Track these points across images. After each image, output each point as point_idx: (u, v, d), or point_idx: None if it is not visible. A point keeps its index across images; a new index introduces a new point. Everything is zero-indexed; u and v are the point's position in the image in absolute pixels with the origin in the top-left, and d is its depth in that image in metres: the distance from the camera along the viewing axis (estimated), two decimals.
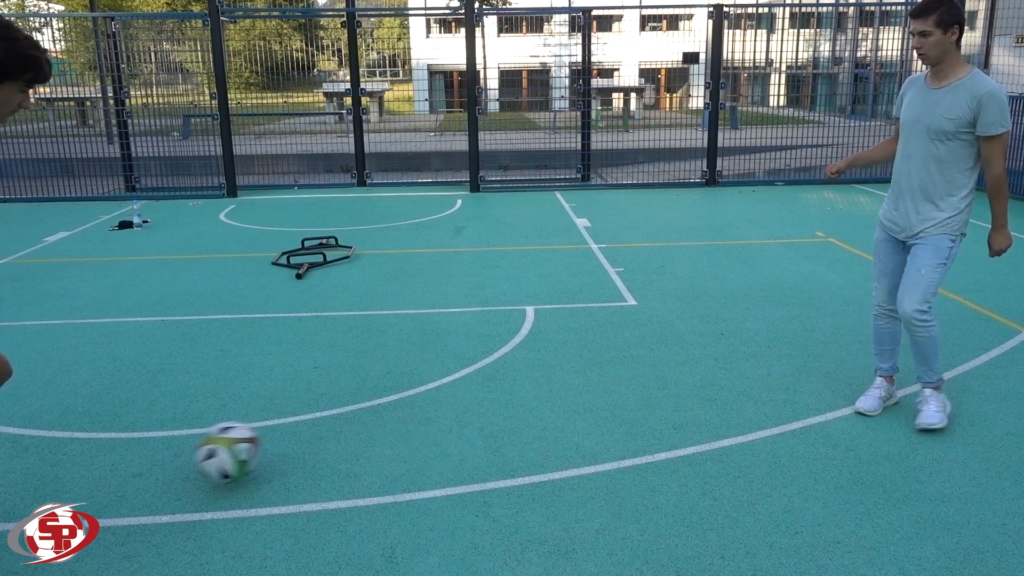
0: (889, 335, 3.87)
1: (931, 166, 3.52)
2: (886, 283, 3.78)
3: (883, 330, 3.88)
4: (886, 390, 3.91)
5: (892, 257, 3.75)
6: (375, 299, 5.99)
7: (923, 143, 3.52)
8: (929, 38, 3.38)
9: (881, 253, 3.81)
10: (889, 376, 3.93)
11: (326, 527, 3.00)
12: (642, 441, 3.64)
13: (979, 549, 2.81)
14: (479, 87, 11.44)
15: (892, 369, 3.92)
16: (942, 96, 3.45)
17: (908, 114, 3.61)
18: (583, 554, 2.81)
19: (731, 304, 5.71)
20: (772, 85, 19.57)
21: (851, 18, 21.60)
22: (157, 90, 14.28)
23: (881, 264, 3.81)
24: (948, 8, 3.34)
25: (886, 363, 3.92)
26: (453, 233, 8.44)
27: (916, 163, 3.56)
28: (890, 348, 3.89)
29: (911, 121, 3.58)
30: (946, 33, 3.36)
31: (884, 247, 3.79)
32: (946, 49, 3.40)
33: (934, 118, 3.46)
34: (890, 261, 3.76)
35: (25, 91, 2.45)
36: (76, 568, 2.75)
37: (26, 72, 2.41)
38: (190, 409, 4.06)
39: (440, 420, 3.89)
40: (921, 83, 3.59)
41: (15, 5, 36.49)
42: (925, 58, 3.44)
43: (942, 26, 3.35)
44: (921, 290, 3.53)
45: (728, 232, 8.27)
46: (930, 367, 3.68)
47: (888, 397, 3.92)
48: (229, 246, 7.97)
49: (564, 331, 5.17)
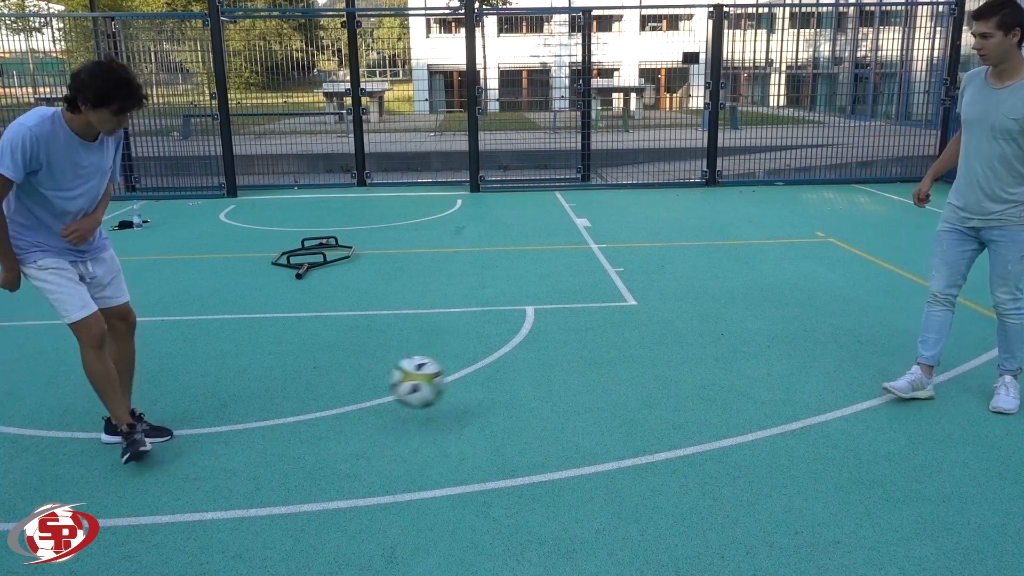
0: (938, 323, 3.92)
1: (996, 164, 3.58)
2: (946, 272, 3.85)
3: (934, 317, 3.93)
4: (919, 378, 3.96)
5: (955, 247, 3.81)
6: (375, 299, 5.99)
7: (987, 142, 3.58)
8: (991, 40, 3.41)
9: (945, 243, 3.85)
10: (928, 366, 3.98)
11: (326, 527, 3.00)
12: (642, 441, 3.64)
13: (979, 549, 2.81)
14: (479, 87, 11.44)
15: (933, 359, 3.97)
16: (1005, 96, 3.49)
17: (970, 112, 3.66)
18: (583, 554, 2.81)
19: (731, 304, 5.71)
20: (772, 85, 19.56)
21: (851, 18, 21.60)
22: (157, 90, 14.28)
23: (943, 254, 3.85)
24: (1011, 10, 3.38)
25: (928, 351, 3.95)
26: (453, 233, 8.44)
27: (981, 161, 3.63)
28: (935, 337, 3.93)
29: (974, 120, 3.63)
30: (1007, 35, 3.40)
31: (948, 238, 3.83)
32: (1007, 50, 3.44)
33: (998, 118, 3.51)
34: (952, 251, 3.82)
35: (118, 115, 3.12)
36: (76, 568, 2.75)
37: (110, 104, 3.06)
38: (190, 409, 4.06)
39: (440, 420, 3.89)
40: (982, 80, 3.62)
41: (15, 5, 36.49)
42: (986, 59, 3.49)
43: (1004, 28, 3.38)
44: (1012, 281, 3.69)
45: (728, 232, 8.28)
46: (1013, 355, 3.84)
47: (920, 387, 3.97)
48: (229, 246, 7.97)
49: (564, 331, 5.17)
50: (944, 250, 3.86)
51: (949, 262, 3.84)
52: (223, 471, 3.42)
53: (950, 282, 3.85)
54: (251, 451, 3.59)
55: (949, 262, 3.84)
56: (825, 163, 12.80)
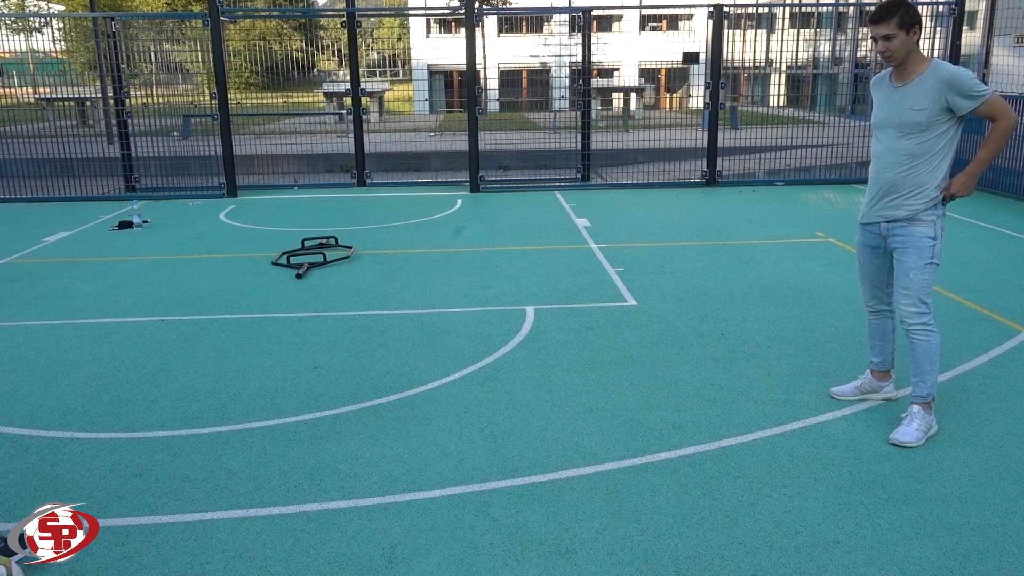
0: (879, 331, 3.95)
1: (905, 161, 3.53)
2: (868, 285, 3.88)
3: (873, 326, 3.97)
4: (868, 382, 4.03)
5: (871, 261, 3.82)
6: (375, 299, 5.99)
7: (896, 141, 3.56)
8: (894, 40, 3.44)
9: (860, 256, 3.88)
10: (881, 371, 4.01)
11: (326, 527, 3.00)
12: (642, 441, 3.64)
13: (979, 549, 2.81)
14: (479, 87, 11.44)
15: (882, 364, 3.99)
16: (908, 91, 3.50)
17: (878, 115, 3.65)
18: (583, 554, 2.81)
19: (731, 304, 5.71)
20: (772, 85, 19.57)
21: (851, 18, 21.60)
22: (157, 90, 14.29)
23: (861, 267, 3.89)
24: (907, 9, 3.43)
25: (876, 357, 4.00)
26: (453, 233, 8.44)
27: (891, 160, 3.58)
28: (879, 343, 3.96)
29: (881, 120, 3.63)
30: (908, 33, 3.43)
31: (862, 251, 3.85)
32: (910, 49, 3.47)
33: (904, 113, 3.50)
34: (869, 265, 3.84)
35: None
36: (76, 568, 2.75)
37: None
38: (190, 409, 4.06)
39: (440, 420, 3.89)
40: (887, 83, 3.64)
41: (15, 5, 36.49)
42: (892, 60, 3.50)
43: (904, 27, 3.42)
44: (916, 292, 3.56)
45: (728, 232, 8.27)
46: (923, 379, 3.62)
47: (871, 390, 4.02)
48: (229, 246, 7.97)
49: (564, 331, 5.17)
50: (861, 264, 3.87)
51: (868, 276, 3.85)
52: (223, 471, 3.42)
53: (873, 295, 3.87)
54: (251, 451, 3.59)
55: (868, 276, 3.85)
56: (825, 163, 12.80)
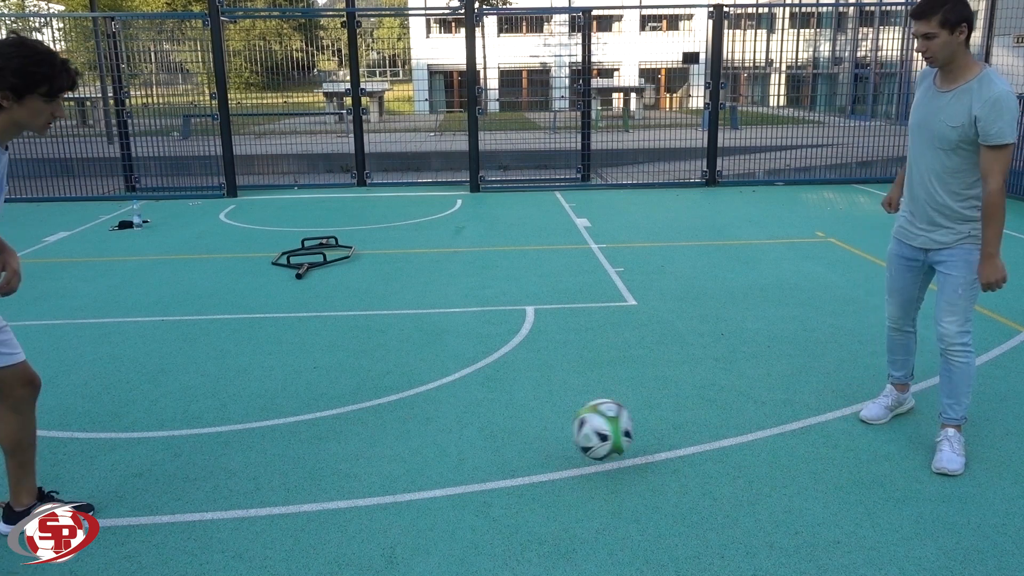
0: (902, 346, 3.70)
1: (939, 175, 3.24)
2: (897, 300, 3.59)
3: (896, 342, 3.71)
4: (895, 398, 3.79)
5: (903, 274, 3.52)
6: (375, 299, 5.99)
7: (928, 151, 3.27)
8: (935, 40, 3.08)
9: (893, 268, 3.56)
10: (902, 384, 3.78)
11: (326, 527, 3.00)
12: (642, 441, 3.64)
13: (979, 549, 2.82)
14: (479, 87, 11.44)
15: (905, 377, 3.77)
16: (948, 101, 3.16)
17: (914, 116, 3.34)
18: (583, 554, 2.81)
19: (731, 304, 5.71)
20: (772, 85, 19.57)
21: (851, 18, 21.61)
22: (157, 90, 14.29)
23: (892, 280, 3.58)
24: (952, 5, 3.05)
25: (899, 371, 3.76)
26: (453, 233, 8.44)
27: (922, 171, 3.32)
28: (903, 358, 3.72)
29: (916, 124, 3.32)
30: (953, 33, 3.06)
31: (896, 263, 3.54)
32: (954, 50, 3.10)
33: (938, 124, 3.19)
34: (901, 278, 3.53)
35: (51, 102, 2.58)
36: (76, 568, 2.75)
37: (39, 86, 2.52)
38: (190, 409, 4.06)
39: (440, 420, 3.89)
40: (930, 82, 3.29)
41: (15, 5, 36.47)
42: (932, 61, 3.16)
43: (948, 26, 3.05)
44: (960, 311, 3.27)
45: (728, 232, 8.27)
46: (958, 401, 3.37)
47: (897, 405, 3.80)
48: (229, 246, 7.97)
49: (564, 331, 5.17)
50: (892, 276, 3.56)
51: (898, 290, 3.55)
52: (223, 471, 3.42)
53: (904, 312, 3.58)
54: (251, 451, 3.59)
55: (898, 290, 3.55)
56: (825, 163, 12.80)
